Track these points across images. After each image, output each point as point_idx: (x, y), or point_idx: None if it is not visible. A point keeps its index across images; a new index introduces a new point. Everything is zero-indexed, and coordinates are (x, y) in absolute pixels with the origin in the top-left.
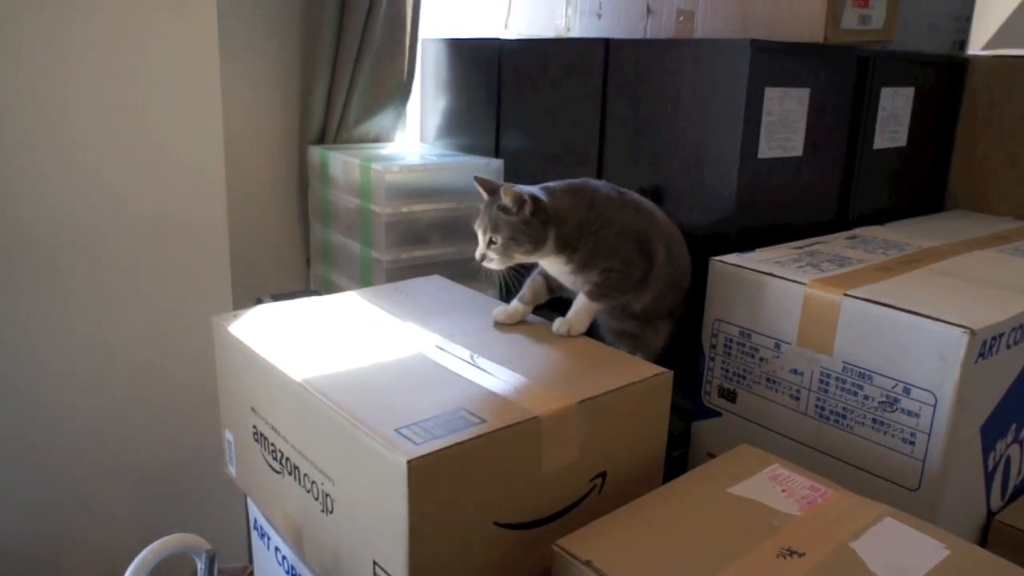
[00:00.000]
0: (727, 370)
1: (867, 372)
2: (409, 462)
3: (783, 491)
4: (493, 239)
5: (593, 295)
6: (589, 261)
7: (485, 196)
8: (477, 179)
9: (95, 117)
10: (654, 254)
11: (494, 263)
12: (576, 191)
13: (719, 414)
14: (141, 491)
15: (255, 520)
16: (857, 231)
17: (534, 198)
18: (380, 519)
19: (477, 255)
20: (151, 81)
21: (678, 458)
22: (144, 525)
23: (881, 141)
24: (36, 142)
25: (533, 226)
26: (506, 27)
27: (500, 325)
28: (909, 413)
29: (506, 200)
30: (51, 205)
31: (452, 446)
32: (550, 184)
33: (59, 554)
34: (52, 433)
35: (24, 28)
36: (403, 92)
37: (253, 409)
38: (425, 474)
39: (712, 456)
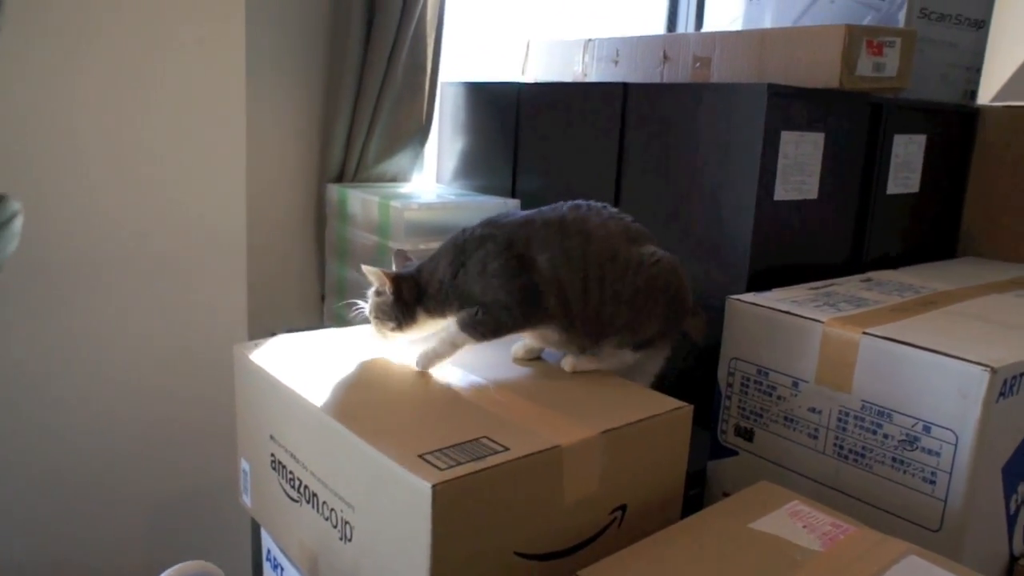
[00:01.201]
0: (744, 408)
1: (886, 410)
2: (434, 487)
3: (804, 527)
4: (372, 320)
5: (461, 324)
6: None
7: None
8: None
9: (119, 152)
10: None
11: (383, 343)
12: (442, 256)
13: (735, 453)
14: (149, 520)
15: (268, 551)
16: (871, 274)
17: (395, 278)
18: (402, 546)
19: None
20: (178, 117)
21: (693, 497)
22: (151, 554)
23: (894, 187)
24: (59, 176)
25: (397, 306)
26: (523, 73)
27: (519, 360)
28: (930, 452)
29: (372, 280)
30: (70, 235)
31: (476, 472)
32: (431, 256)
33: None
34: (62, 459)
35: (53, 58)
36: (422, 133)
37: (272, 437)
38: (449, 500)
39: (728, 496)
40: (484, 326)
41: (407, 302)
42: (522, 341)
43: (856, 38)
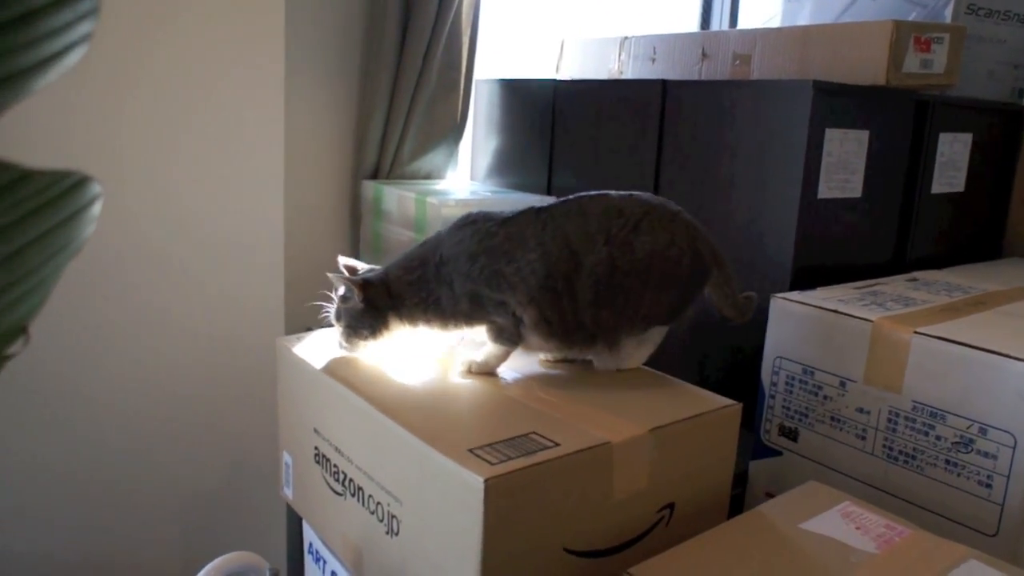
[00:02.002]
0: (788, 408)
1: (939, 412)
2: (486, 481)
3: (857, 528)
4: (340, 328)
5: (492, 338)
6: (453, 323)
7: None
8: (338, 267)
9: (161, 150)
10: (506, 302)
11: (348, 350)
12: (417, 264)
13: (779, 453)
14: (184, 513)
15: (310, 544)
16: (916, 274)
17: (363, 284)
18: (451, 541)
19: (337, 343)
20: (219, 117)
21: (735, 497)
22: (189, 548)
23: (939, 186)
24: (103, 168)
25: (368, 312)
26: (557, 70)
27: (545, 363)
28: (986, 455)
29: (338, 286)
30: (111, 231)
31: (528, 467)
32: (398, 259)
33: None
34: (102, 455)
35: (99, 56)
36: (456, 130)
37: (316, 430)
38: (501, 494)
39: (771, 496)
40: (511, 335)
41: (378, 308)
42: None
43: (904, 34)
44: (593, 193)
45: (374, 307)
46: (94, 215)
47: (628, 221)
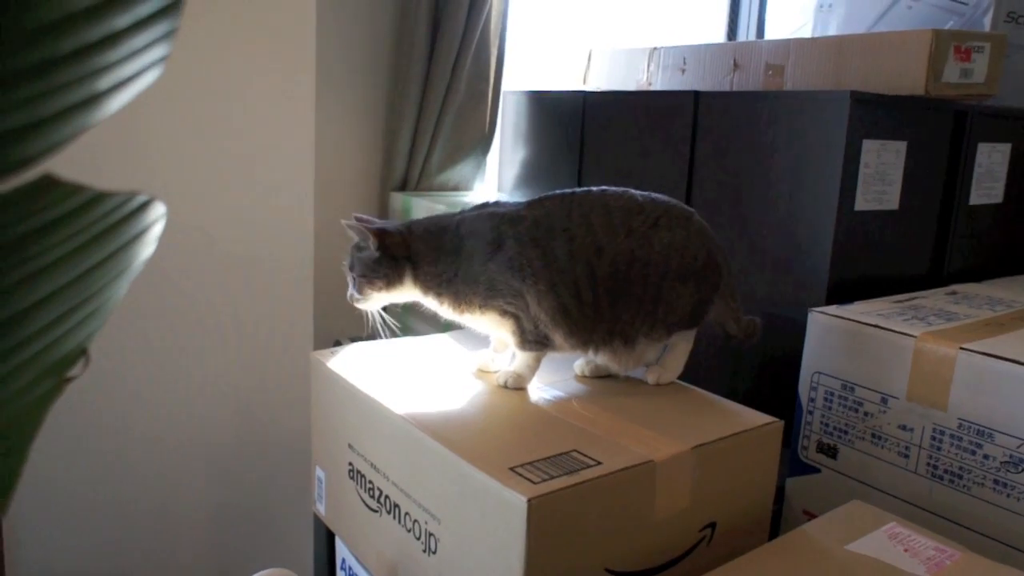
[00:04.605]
0: (827, 424)
1: (986, 430)
2: (529, 501)
3: (906, 551)
4: (352, 277)
5: (518, 343)
6: (466, 304)
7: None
8: (354, 220)
9: (192, 161)
10: (534, 286)
11: (361, 303)
12: (439, 232)
13: (817, 470)
14: (214, 530)
15: (343, 560)
16: (955, 287)
17: (380, 232)
18: (492, 560)
19: (348, 295)
20: (250, 129)
21: (772, 516)
22: (218, 564)
23: (977, 197)
24: (135, 182)
25: (383, 262)
26: (584, 81)
27: (582, 378)
28: None
29: (353, 234)
30: None
31: (571, 487)
32: (420, 220)
33: None
34: (131, 472)
35: None
36: (484, 142)
37: (350, 446)
38: (544, 514)
39: (809, 514)
40: (534, 335)
41: (395, 258)
42: (583, 358)
43: (943, 43)
44: (615, 189)
45: (391, 256)
46: (156, 235)
47: (648, 217)
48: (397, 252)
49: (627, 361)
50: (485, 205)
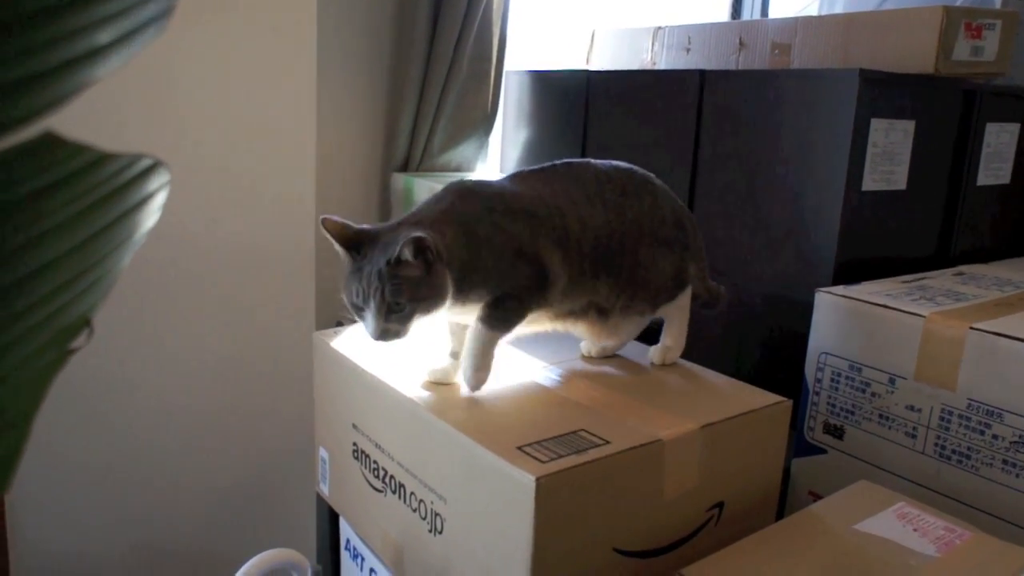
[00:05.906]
0: (834, 405)
1: (996, 410)
2: (538, 480)
3: (915, 530)
4: (395, 305)
5: (487, 322)
6: (470, 292)
7: (341, 251)
8: (326, 221)
9: (194, 143)
10: (542, 262)
11: (401, 335)
12: (451, 219)
13: (823, 451)
14: (218, 510)
15: (347, 541)
16: (963, 268)
17: (424, 239)
18: (499, 540)
19: (373, 333)
20: (251, 110)
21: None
22: (220, 543)
23: (985, 178)
24: None
25: (437, 273)
26: (587, 61)
27: (589, 359)
28: None
29: (407, 253)
30: None
31: (579, 466)
32: (420, 213)
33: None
34: (136, 452)
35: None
36: (487, 122)
37: (354, 426)
38: (552, 493)
39: (815, 495)
40: (509, 312)
41: (437, 270)
42: (437, 367)
43: (954, 21)
44: (575, 160)
45: (442, 263)
46: (159, 204)
47: (616, 186)
48: (442, 257)
49: (601, 333)
50: (460, 189)
